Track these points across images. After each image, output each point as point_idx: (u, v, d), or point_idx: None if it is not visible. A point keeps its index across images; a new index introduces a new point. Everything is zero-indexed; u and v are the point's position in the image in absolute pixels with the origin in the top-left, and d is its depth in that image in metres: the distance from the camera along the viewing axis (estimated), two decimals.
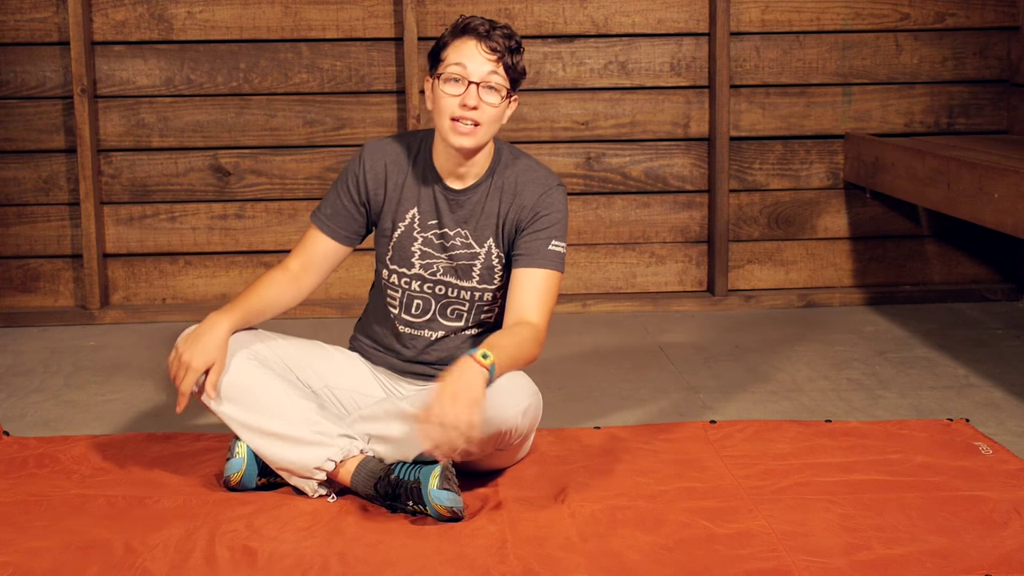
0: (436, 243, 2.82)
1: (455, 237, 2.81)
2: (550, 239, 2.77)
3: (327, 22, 4.52)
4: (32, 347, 4.19)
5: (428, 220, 2.82)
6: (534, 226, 2.77)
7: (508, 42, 2.71)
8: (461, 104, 2.68)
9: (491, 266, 2.82)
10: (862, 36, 4.65)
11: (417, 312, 2.88)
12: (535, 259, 2.76)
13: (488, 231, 2.80)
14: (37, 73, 4.50)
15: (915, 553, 2.41)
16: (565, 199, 2.81)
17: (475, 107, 2.68)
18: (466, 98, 2.68)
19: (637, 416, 3.34)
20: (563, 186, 2.83)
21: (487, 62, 2.69)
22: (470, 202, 2.80)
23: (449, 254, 2.82)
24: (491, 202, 2.79)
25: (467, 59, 2.68)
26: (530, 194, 2.78)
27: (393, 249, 2.85)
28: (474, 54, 2.69)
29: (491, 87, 2.70)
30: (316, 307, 4.57)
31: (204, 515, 2.63)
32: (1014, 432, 3.16)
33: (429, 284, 2.84)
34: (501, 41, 2.70)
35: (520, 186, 2.79)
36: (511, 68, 2.72)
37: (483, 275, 2.83)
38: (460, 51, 2.70)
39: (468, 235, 2.81)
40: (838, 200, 4.72)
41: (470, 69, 2.68)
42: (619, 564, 2.39)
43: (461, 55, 2.69)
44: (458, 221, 2.81)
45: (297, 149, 4.59)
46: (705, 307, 4.64)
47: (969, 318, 4.42)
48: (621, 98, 4.64)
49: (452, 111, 2.69)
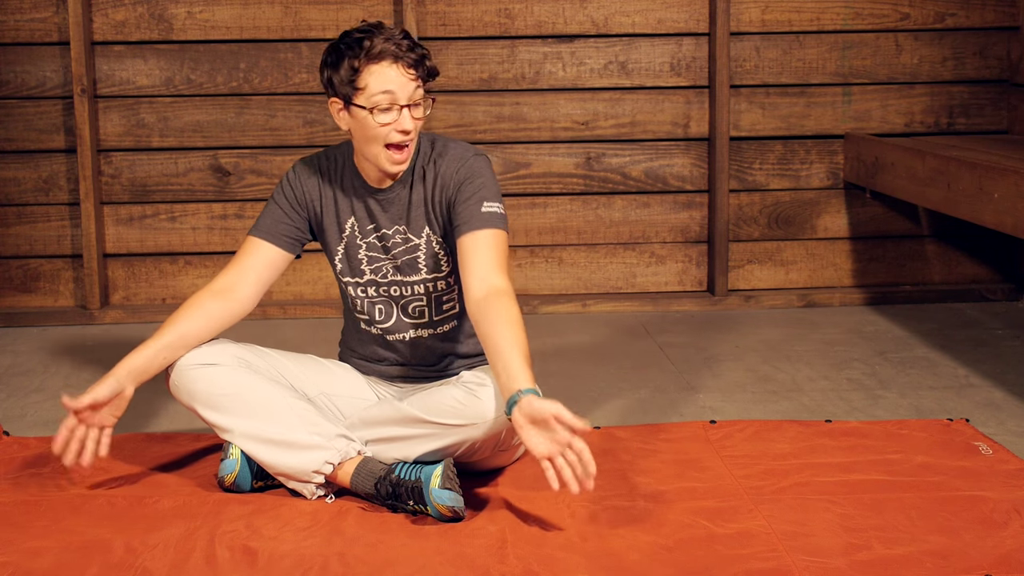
0: (379, 246, 2.83)
1: (394, 235, 2.82)
2: (481, 201, 2.73)
3: (327, 22, 4.52)
4: (32, 347, 4.19)
5: (366, 226, 2.83)
6: (461, 195, 2.74)
7: (418, 52, 2.68)
8: (399, 131, 2.68)
9: (434, 254, 2.82)
10: (862, 36, 4.65)
11: (382, 318, 2.88)
12: (474, 222, 2.71)
13: (421, 220, 2.81)
14: (37, 73, 4.50)
15: (915, 553, 2.41)
16: (486, 164, 2.79)
17: (410, 130, 2.69)
18: (402, 124, 2.67)
19: (637, 416, 3.34)
20: (483, 155, 2.81)
21: (410, 82, 2.67)
22: (399, 198, 2.81)
23: (391, 254, 2.83)
24: (416, 192, 2.80)
25: (391, 85, 2.65)
26: (449, 169, 2.77)
27: (342, 262, 2.87)
28: (396, 78, 2.65)
29: (418, 103, 2.70)
30: (316, 307, 4.57)
31: (204, 515, 2.63)
32: (1014, 432, 3.16)
33: (383, 287, 2.85)
34: (413, 56, 2.67)
35: (439, 166, 2.78)
36: (427, 76, 2.71)
37: (429, 265, 2.83)
38: (381, 77, 2.65)
39: (405, 230, 2.81)
40: (838, 200, 4.72)
41: (399, 95, 2.66)
42: (619, 564, 2.39)
43: (384, 82, 2.65)
44: (393, 219, 2.81)
45: (297, 149, 4.59)
46: (705, 307, 4.64)
47: (969, 318, 4.42)
48: (621, 98, 4.64)
49: (387, 138, 2.69)
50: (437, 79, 2.82)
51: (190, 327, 2.77)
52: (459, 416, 2.63)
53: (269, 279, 2.86)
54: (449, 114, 4.58)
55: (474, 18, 4.56)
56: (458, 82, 4.58)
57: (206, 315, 2.79)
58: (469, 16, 4.56)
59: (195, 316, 2.78)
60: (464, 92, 4.59)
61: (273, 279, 2.88)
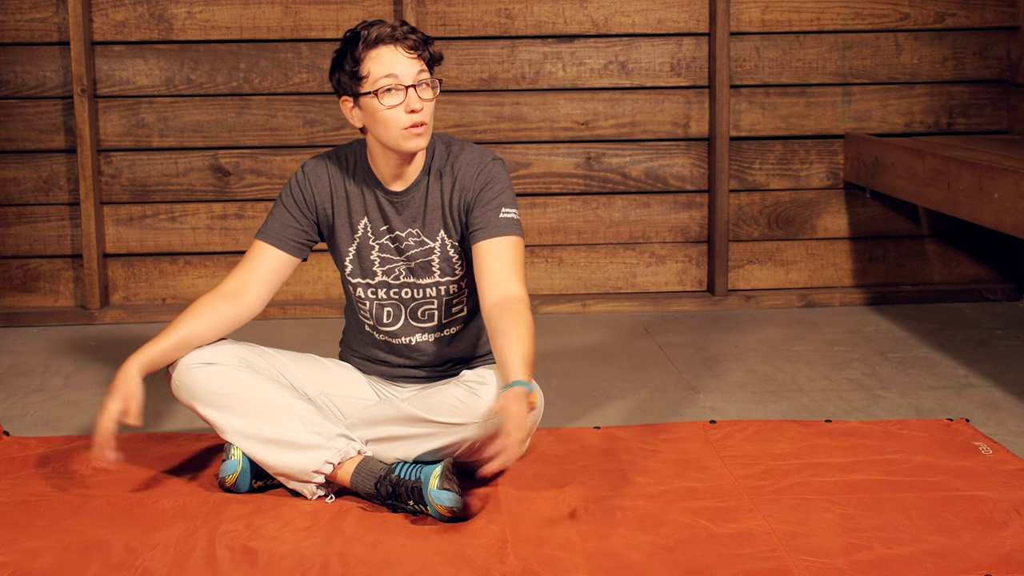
0: (392, 247, 2.83)
1: (407, 238, 2.82)
2: (500, 207, 2.75)
3: (327, 22, 4.52)
4: (32, 347, 4.19)
5: (379, 227, 2.83)
6: (480, 200, 2.76)
7: (418, 36, 2.71)
8: (407, 111, 2.68)
9: (448, 258, 2.83)
10: (862, 36, 4.65)
11: (389, 320, 2.88)
12: (492, 229, 2.74)
13: (437, 224, 2.81)
14: (37, 73, 4.50)
15: (915, 553, 2.41)
16: (504, 170, 2.81)
17: (420, 109, 2.68)
18: (410, 103, 2.68)
19: (637, 416, 3.34)
20: (500, 160, 2.82)
21: (413, 63, 2.69)
22: (414, 200, 2.81)
23: (405, 255, 2.83)
24: (433, 195, 2.80)
25: (393, 67, 2.67)
26: (468, 174, 2.78)
27: (353, 263, 2.86)
28: (397, 60, 2.68)
29: (425, 84, 2.70)
30: (316, 307, 4.57)
31: (204, 515, 2.63)
32: (1014, 432, 3.16)
33: (395, 289, 2.85)
34: (414, 38, 2.69)
35: (457, 171, 2.79)
36: (431, 59, 2.72)
37: (443, 268, 2.83)
38: (382, 62, 2.67)
39: (419, 232, 2.81)
40: (838, 200, 4.72)
41: (401, 76, 2.67)
42: (619, 564, 2.39)
43: (385, 65, 2.67)
44: (407, 221, 2.81)
45: (297, 149, 4.59)
46: (705, 307, 4.64)
47: (969, 318, 4.42)
48: (621, 98, 4.64)
49: (401, 121, 2.69)
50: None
51: (199, 328, 2.77)
52: (460, 415, 2.63)
53: (277, 283, 2.87)
54: (449, 114, 4.58)
55: (474, 18, 4.56)
56: (458, 82, 4.58)
57: (215, 317, 2.79)
58: (469, 16, 4.56)
59: (204, 317, 2.78)
60: (464, 92, 4.59)
61: (281, 283, 2.89)
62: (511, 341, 2.58)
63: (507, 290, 2.69)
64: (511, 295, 2.68)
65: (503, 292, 2.68)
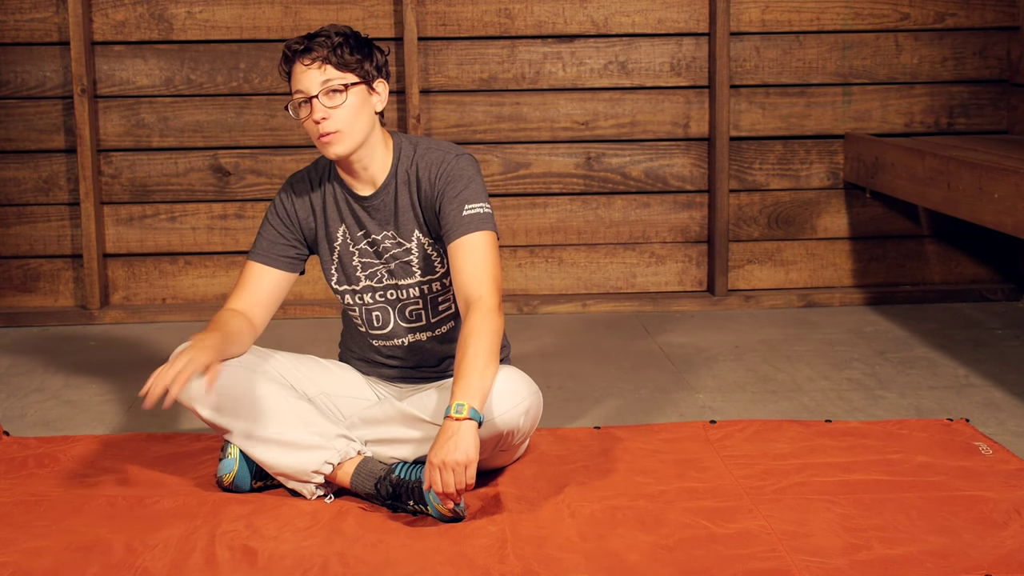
0: (371, 251, 2.83)
1: (384, 240, 2.82)
2: (463, 205, 2.73)
3: (327, 22, 4.51)
4: (32, 347, 4.19)
5: (356, 232, 2.83)
6: (445, 198, 2.75)
7: (329, 41, 2.71)
8: (313, 122, 2.70)
9: (427, 256, 2.82)
10: (862, 36, 4.65)
11: (379, 324, 2.89)
12: (457, 229, 2.72)
13: (411, 224, 2.81)
14: (37, 73, 4.50)
15: (915, 553, 2.41)
16: (470, 163, 2.78)
17: (323, 118, 2.69)
18: (313, 114, 2.70)
19: (637, 416, 3.34)
20: (465, 154, 2.80)
21: (313, 72, 2.70)
22: (384, 204, 2.81)
23: (384, 258, 2.83)
24: (402, 197, 2.80)
25: (299, 82, 2.71)
26: (430, 175, 2.78)
27: (338, 271, 2.87)
28: (301, 73, 2.71)
29: (330, 91, 2.70)
30: (316, 307, 4.57)
31: (204, 515, 2.63)
32: (1014, 432, 3.16)
33: (380, 292, 2.86)
34: (318, 45, 2.70)
35: (421, 170, 2.79)
36: (341, 60, 2.71)
37: (423, 267, 2.83)
38: (295, 78, 2.72)
39: (394, 234, 2.81)
40: (838, 200, 4.72)
41: (305, 87, 2.70)
42: (619, 564, 2.39)
43: (295, 81, 2.72)
44: (381, 224, 2.82)
45: (297, 149, 4.59)
46: (705, 307, 4.64)
47: (969, 318, 4.42)
48: (621, 98, 4.64)
49: (312, 131, 2.72)
50: (437, 79, 2.82)
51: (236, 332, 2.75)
52: None
53: (277, 301, 2.88)
54: (449, 114, 4.58)
55: (474, 18, 4.56)
56: (458, 82, 4.58)
57: (243, 328, 2.78)
58: (469, 16, 4.56)
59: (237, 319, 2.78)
60: (464, 92, 4.59)
61: (282, 298, 2.90)
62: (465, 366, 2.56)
63: (473, 294, 2.66)
64: (476, 301, 2.65)
65: (468, 297, 2.66)
